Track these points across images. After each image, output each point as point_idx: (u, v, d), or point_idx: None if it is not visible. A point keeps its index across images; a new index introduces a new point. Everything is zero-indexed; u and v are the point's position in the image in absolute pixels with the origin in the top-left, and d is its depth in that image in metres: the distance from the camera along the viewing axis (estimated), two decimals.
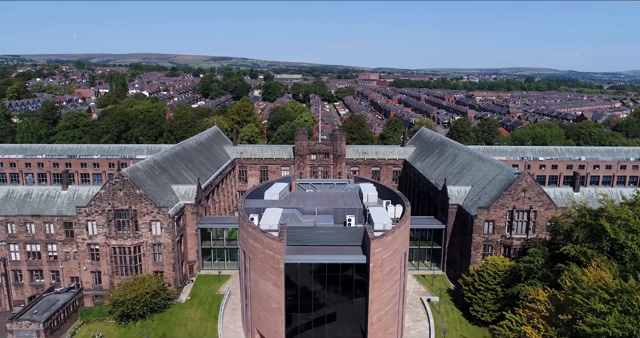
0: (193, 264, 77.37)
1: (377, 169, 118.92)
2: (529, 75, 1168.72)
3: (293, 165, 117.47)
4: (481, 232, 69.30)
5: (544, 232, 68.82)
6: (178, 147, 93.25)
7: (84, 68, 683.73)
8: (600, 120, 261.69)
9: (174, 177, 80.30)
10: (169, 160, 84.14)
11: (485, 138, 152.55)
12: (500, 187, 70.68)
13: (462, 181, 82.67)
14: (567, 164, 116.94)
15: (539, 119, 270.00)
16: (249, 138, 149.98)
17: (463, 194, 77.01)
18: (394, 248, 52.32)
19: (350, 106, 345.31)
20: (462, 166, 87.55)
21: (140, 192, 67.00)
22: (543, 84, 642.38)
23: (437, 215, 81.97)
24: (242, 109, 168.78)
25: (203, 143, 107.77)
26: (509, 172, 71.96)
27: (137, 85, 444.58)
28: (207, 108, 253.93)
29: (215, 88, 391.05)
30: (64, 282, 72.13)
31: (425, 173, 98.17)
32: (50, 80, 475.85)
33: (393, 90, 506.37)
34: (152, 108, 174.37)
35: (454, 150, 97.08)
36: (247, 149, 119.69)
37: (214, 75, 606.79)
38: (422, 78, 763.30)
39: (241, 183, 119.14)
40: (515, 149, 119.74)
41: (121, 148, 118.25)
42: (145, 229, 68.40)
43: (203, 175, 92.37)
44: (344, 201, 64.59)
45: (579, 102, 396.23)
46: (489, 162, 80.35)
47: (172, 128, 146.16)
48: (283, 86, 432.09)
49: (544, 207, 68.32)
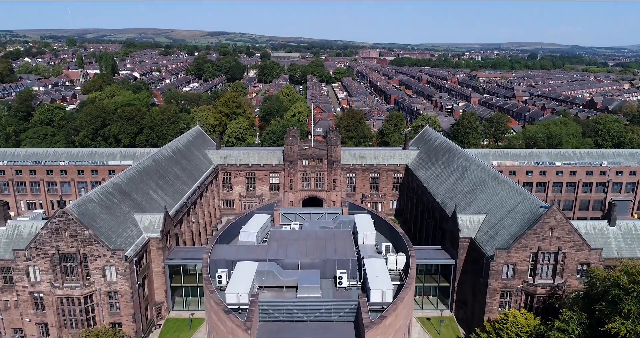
0: (161, 306, 66.51)
1: (376, 176, 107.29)
2: (532, 50, 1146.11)
3: (283, 172, 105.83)
4: (499, 277, 58.19)
5: (573, 277, 57.88)
6: (148, 161, 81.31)
7: (76, 46, 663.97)
8: (612, 106, 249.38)
9: (138, 203, 68.75)
10: (134, 180, 72.36)
11: (494, 134, 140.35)
12: (522, 222, 59.24)
13: (475, 205, 71.27)
14: (587, 169, 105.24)
15: (547, 103, 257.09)
16: (237, 134, 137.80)
17: (476, 224, 65.66)
18: (395, 328, 41.32)
19: (349, 89, 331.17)
20: (474, 184, 75.93)
21: (89, 233, 55.58)
22: (547, 62, 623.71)
23: (445, 245, 70.86)
24: (230, 100, 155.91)
25: (180, 150, 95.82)
26: (532, 204, 60.36)
27: (128, 65, 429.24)
28: (198, 94, 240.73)
29: (209, 69, 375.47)
30: (5, 334, 61.35)
31: (431, 187, 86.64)
32: (39, 60, 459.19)
33: (393, 70, 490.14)
34: (134, 100, 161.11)
35: (463, 161, 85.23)
36: (232, 153, 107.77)
37: (209, 54, 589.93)
38: (424, 55, 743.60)
39: (225, 191, 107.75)
40: (529, 153, 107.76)
41: (91, 153, 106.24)
42: (98, 275, 57.27)
43: (177, 192, 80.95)
44: (335, 247, 53.11)
45: (586, 83, 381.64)
46: (507, 184, 68.68)
47: (153, 124, 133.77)
48: (279, 67, 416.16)
49: (575, 249, 57.04)
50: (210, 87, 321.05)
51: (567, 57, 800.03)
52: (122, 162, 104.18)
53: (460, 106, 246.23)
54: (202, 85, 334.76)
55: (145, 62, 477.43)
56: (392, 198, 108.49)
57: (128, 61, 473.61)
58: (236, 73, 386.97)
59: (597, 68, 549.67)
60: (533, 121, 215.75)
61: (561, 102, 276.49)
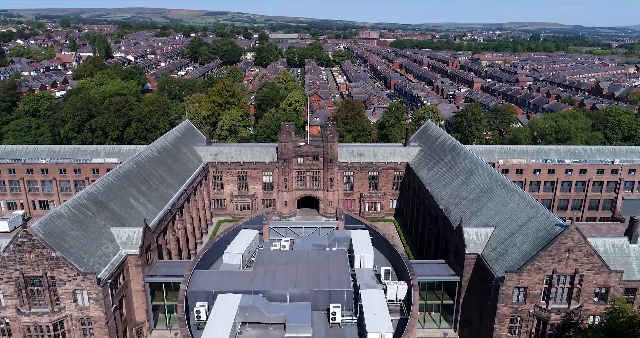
0: (142, 326, 61.54)
1: (375, 174, 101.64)
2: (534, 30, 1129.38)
3: (276, 170, 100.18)
4: (508, 302, 53.04)
5: (590, 301, 52.78)
6: (129, 164, 75.52)
7: (70, 27, 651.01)
8: (618, 92, 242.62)
9: (116, 214, 63.26)
10: (112, 188, 66.69)
11: (499, 126, 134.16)
12: (535, 240, 53.84)
13: (481, 215, 65.84)
14: (598, 167, 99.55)
15: (551, 90, 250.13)
16: (230, 127, 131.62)
17: (484, 239, 60.30)
18: None
19: (348, 73, 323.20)
20: (481, 191, 70.34)
21: (57, 255, 50.20)
22: (550, 43, 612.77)
23: (449, 258, 65.64)
24: (224, 89, 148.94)
25: (167, 148, 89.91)
26: (547, 220, 54.81)
27: (122, 48, 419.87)
28: (192, 80, 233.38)
29: (205, 52, 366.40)
30: None
31: (433, 190, 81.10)
32: (31, 42, 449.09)
33: (394, 52, 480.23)
34: (123, 89, 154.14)
35: (468, 163, 79.48)
36: (223, 150, 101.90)
37: (206, 35, 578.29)
38: (425, 37, 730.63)
39: (216, 190, 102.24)
40: (537, 150, 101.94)
41: (74, 150, 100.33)
42: (68, 300, 52.09)
43: (162, 197, 75.43)
44: (328, 273, 47.77)
45: (591, 67, 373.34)
46: (517, 194, 63.05)
47: (142, 116, 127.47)
48: (277, 49, 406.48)
49: (593, 271, 51.78)
50: (206, 72, 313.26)
51: (570, 38, 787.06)
52: (107, 159, 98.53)
53: (462, 92, 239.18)
54: (198, 69, 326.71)
55: (140, 44, 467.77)
56: (392, 197, 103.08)
57: (122, 43, 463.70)
58: (233, 56, 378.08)
59: (601, 50, 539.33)
60: (538, 109, 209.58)
61: (566, 88, 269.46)
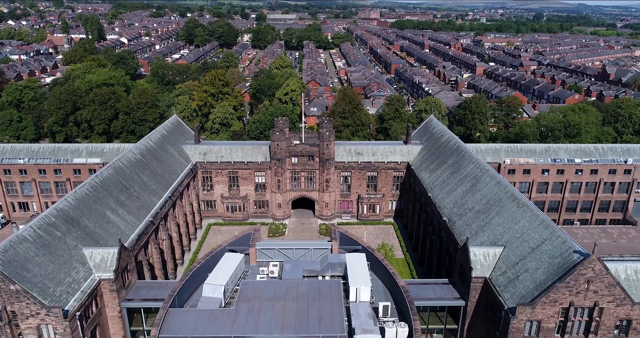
0: None
1: (373, 174, 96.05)
2: (537, 9, 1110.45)
3: (269, 171, 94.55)
4: (520, 335, 48.01)
5: (610, 334, 47.83)
6: (108, 171, 69.70)
7: (63, 6, 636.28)
8: (625, 78, 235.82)
9: (90, 231, 57.83)
10: (86, 201, 61.09)
11: (504, 119, 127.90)
12: (550, 268, 48.53)
13: (489, 230, 60.49)
14: (610, 168, 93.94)
15: (556, 75, 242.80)
16: (222, 120, 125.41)
17: (492, 260, 55.06)
18: None
19: (347, 56, 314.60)
20: (488, 202, 64.85)
21: (17, 288, 44.95)
22: (554, 24, 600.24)
23: (453, 277, 60.54)
24: (216, 79, 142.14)
25: (152, 150, 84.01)
26: (563, 245, 49.36)
27: (116, 30, 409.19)
28: (186, 65, 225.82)
29: (200, 34, 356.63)
30: None
31: (436, 196, 75.64)
32: (23, 23, 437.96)
33: (394, 34, 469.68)
34: (111, 79, 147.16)
35: (474, 169, 73.73)
36: (212, 148, 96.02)
37: (202, 15, 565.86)
38: (426, 16, 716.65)
39: (206, 191, 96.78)
40: (546, 149, 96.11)
41: (54, 149, 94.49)
42: (32, 336, 47.05)
43: (144, 206, 69.97)
44: (319, 313, 42.58)
45: (596, 49, 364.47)
46: (529, 210, 57.50)
47: (129, 109, 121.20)
48: (274, 31, 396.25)
49: (615, 303, 46.67)
50: (202, 55, 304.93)
51: (574, 18, 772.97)
52: (89, 159, 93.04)
53: (464, 78, 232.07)
54: (193, 52, 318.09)
55: (134, 25, 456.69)
56: (392, 199, 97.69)
57: (116, 24, 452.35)
58: (229, 38, 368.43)
59: (606, 31, 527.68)
60: (543, 96, 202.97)
61: (571, 73, 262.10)
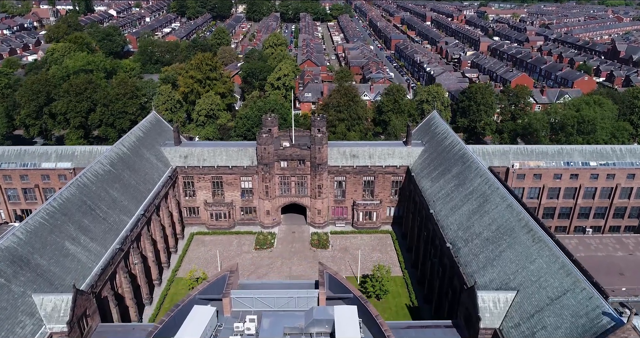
0: None
1: (370, 179, 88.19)
2: None
3: (256, 176, 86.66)
4: None
5: None
6: (70, 190, 61.50)
7: None
8: (636, 56, 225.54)
9: (43, 271, 50.40)
10: (40, 232, 53.39)
11: (512, 111, 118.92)
12: (574, 329, 41.27)
13: (498, 265, 53.14)
14: (628, 172, 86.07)
15: (564, 52, 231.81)
16: (208, 112, 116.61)
17: (502, 307, 47.91)
18: None
19: (345, 30, 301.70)
20: (498, 229, 57.28)
21: None
22: None
23: (456, 318, 53.53)
24: (203, 63, 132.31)
25: (125, 157, 75.72)
26: (588, 301, 41.98)
27: (105, 1, 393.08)
28: (176, 42, 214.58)
29: (192, 6, 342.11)
30: None
31: (438, 213, 68.12)
32: None
33: (395, 4, 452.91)
34: (90, 64, 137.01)
35: (482, 184, 65.76)
36: (194, 151, 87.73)
37: None
38: None
39: (188, 197, 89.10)
40: (558, 151, 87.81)
41: (20, 152, 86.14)
42: None
43: (112, 229, 62.46)
44: None
45: (605, 22, 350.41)
46: (547, 248, 49.90)
47: (108, 101, 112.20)
48: (270, 2, 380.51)
49: None
50: (193, 29, 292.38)
51: None
52: (59, 164, 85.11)
53: (468, 56, 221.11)
54: (184, 26, 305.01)
55: None
56: (390, 204, 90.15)
57: None
58: (222, 10, 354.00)
59: (615, 0, 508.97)
60: (550, 76, 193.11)
61: (579, 49, 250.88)
